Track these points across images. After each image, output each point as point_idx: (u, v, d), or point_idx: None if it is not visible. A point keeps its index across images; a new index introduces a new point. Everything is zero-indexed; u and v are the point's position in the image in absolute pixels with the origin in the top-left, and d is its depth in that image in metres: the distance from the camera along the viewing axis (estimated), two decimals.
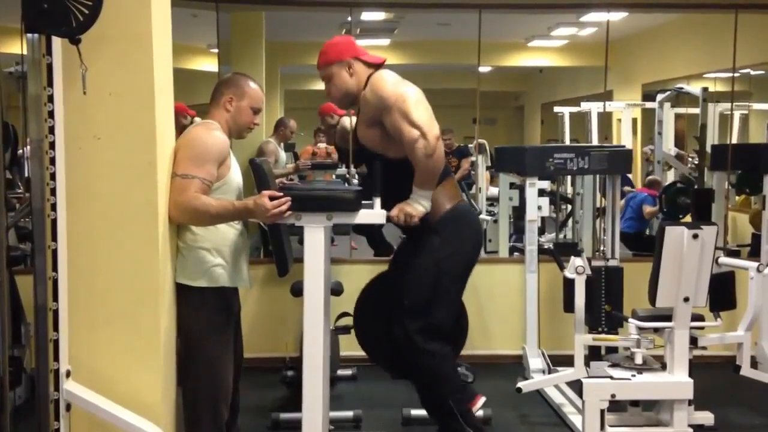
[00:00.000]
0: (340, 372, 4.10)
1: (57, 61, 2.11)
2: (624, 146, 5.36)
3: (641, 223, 6.41)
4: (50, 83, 2.10)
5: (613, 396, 3.03)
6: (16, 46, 3.92)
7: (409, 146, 2.65)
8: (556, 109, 8.25)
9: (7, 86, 4.20)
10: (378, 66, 2.85)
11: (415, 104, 2.69)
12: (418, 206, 2.68)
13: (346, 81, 2.82)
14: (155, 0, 2.29)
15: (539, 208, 4.10)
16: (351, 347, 3.86)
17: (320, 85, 2.98)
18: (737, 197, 6.26)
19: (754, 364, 3.72)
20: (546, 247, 5.15)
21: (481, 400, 3.03)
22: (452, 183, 2.91)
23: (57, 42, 2.10)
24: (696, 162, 6.18)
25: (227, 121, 2.62)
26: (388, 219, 2.66)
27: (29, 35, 2.04)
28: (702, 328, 3.30)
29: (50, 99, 2.10)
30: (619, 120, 7.59)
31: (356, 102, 2.87)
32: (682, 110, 7.05)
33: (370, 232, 5.41)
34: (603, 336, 3.53)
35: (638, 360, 3.15)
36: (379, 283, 3.13)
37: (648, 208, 6.26)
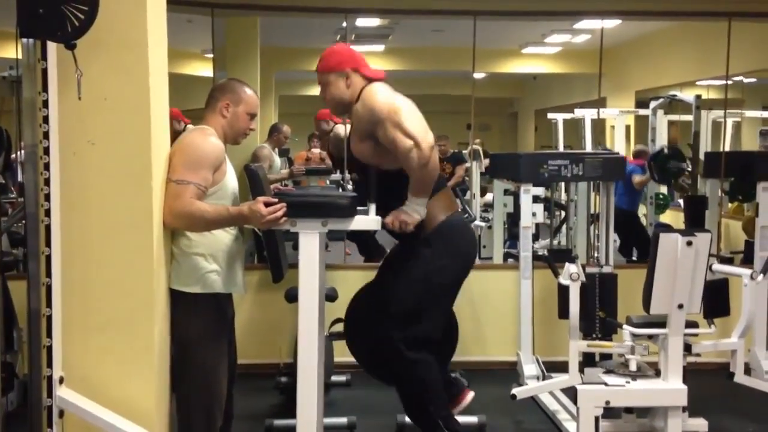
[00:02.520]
0: (334, 378, 4.09)
1: (52, 66, 2.10)
2: (618, 153, 5.38)
3: (633, 197, 6.37)
4: (45, 88, 2.09)
5: (607, 403, 3.02)
6: (11, 51, 3.91)
7: (403, 156, 2.64)
8: (550, 115, 8.27)
9: (1, 91, 4.18)
10: (376, 80, 2.84)
11: (407, 114, 2.69)
12: (413, 213, 2.68)
13: (341, 91, 2.82)
14: (151, 5, 2.29)
15: (533, 214, 4.10)
16: (345, 353, 3.85)
17: (314, 91, 2.98)
18: (730, 204, 6.29)
19: (748, 371, 3.74)
20: (540, 253, 5.16)
21: (470, 395, 3.02)
22: (447, 194, 2.90)
23: (52, 47, 2.09)
24: (689, 169, 6.21)
25: (223, 127, 2.61)
26: (383, 226, 2.66)
27: (24, 40, 2.04)
28: (696, 335, 3.31)
29: (45, 104, 2.10)
30: (613, 127, 7.62)
31: (349, 111, 2.87)
32: (675, 117, 7.08)
33: (363, 239, 5.41)
34: (597, 343, 3.53)
35: (632, 367, 3.15)
36: (370, 291, 3.12)
37: (637, 178, 6.21)
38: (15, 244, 4.54)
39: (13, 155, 4.98)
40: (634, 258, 6.26)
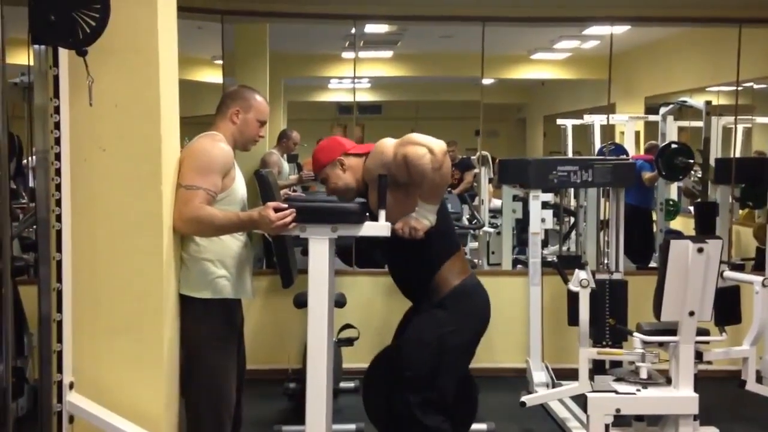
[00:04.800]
0: (342, 384, 4.08)
1: (63, 72, 2.12)
2: (628, 158, 5.36)
3: (643, 192, 6.24)
4: (56, 94, 2.11)
5: (617, 411, 3.01)
6: (23, 57, 3.94)
7: (415, 162, 2.61)
8: (559, 121, 8.26)
9: (12, 97, 4.21)
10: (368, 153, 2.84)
11: (415, 135, 2.70)
12: (423, 220, 2.67)
13: (342, 177, 2.83)
14: (161, 12, 2.30)
15: (543, 220, 4.10)
16: (354, 360, 3.86)
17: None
18: (741, 211, 6.25)
19: (760, 378, 3.70)
20: (549, 259, 5.14)
21: None
22: (461, 257, 2.88)
23: (64, 54, 2.11)
24: (699, 175, 6.17)
25: (233, 134, 2.62)
26: (393, 232, 2.65)
27: (36, 47, 2.06)
28: (707, 342, 3.28)
29: (56, 110, 2.11)
30: (622, 133, 7.59)
31: (360, 193, 2.85)
32: (685, 123, 7.05)
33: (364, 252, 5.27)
34: (607, 350, 3.51)
35: (643, 374, 3.13)
36: (387, 355, 3.10)
37: (647, 174, 6.10)
38: (26, 249, 4.56)
39: (25, 161, 5.02)
40: (652, 265, 6.18)
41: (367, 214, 2.58)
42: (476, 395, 3.09)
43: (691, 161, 5.75)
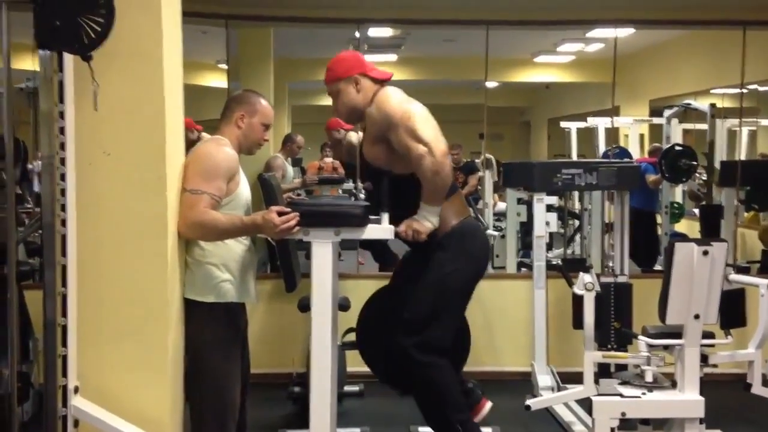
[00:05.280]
0: (347, 388, 4.08)
1: (68, 77, 2.12)
2: (632, 161, 5.36)
3: (648, 195, 6.23)
4: (61, 99, 2.11)
5: (623, 414, 3.00)
6: (28, 63, 3.95)
7: (416, 162, 2.64)
8: (563, 124, 8.25)
9: (18, 102, 4.23)
10: (385, 81, 2.86)
11: (421, 121, 2.69)
12: (426, 222, 2.68)
13: (353, 97, 2.82)
14: (166, 17, 2.31)
15: (547, 223, 4.09)
16: (358, 363, 3.85)
17: (327, 101, 2.99)
18: (746, 213, 6.23)
19: (765, 382, 3.67)
20: (554, 263, 5.13)
21: (488, 405, 3.00)
22: (459, 199, 2.90)
23: (69, 59, 2.11)
24: (704, 178, 6.16)
25: (238, 138, 2.63)
26: (396, 234, 2.65)
27: (41, 52, 2.06)
28: (713, 345, 3.27)
29: (61, 115, 2.12)
30: (627, 135, 7.58)
31: (363, 118, 2.87)
32: (689, 126, 7.04)
33: (378, 248, 5.40)
34: (613, 353, 3.50)
35: (648, 378, 3.12)
36: (381, 298, 3.11)
37: (651, 177, 6.09)
38: (31, 253, 4.57)
39: (30, 166, 5.03)
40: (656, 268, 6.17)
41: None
42: (468, 333, 3.10)
43: (695, 163, 5.74)
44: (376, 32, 6.65)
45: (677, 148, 5.89)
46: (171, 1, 2.39)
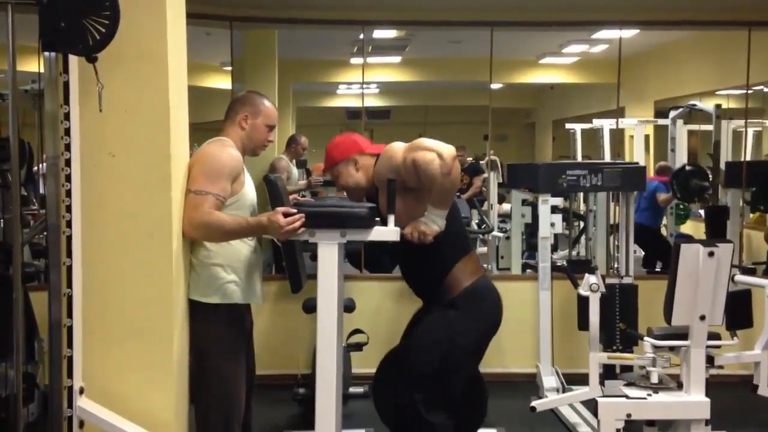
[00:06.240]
0: (352, 389, 4.07)
1: (73, 79, 2.13)
2: (637, 163, 5.35)
3: (655, 212, 6.29)
4: (67, 101, 2.12)
5: (628, 416, 2.99)
6: (33, 65, 3.97)
7: (424, 167, 2.60)
8: (568, 125, 8.24)
9: (23, 104, 4.24)
10: None
11: (424, 139, 2.70)
12: (432, 225, 2.67)
13: (354, 176, 2.84)
14: (171, 19, 2.32)
15: (552, 224, 4.08)
16: (363, 365, 3.85)
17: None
18: (752, 214, 6.21)
19: None
20: (559, 264, 5.13)
21: None
22: (473, 259, 2.88)
23: (74, 60, 2.12)
24: (710, 179, 6.14)
25: (242, 139, 2.63)
26: (402, 236, 2.64)
27: (47, 53, 2.07)
28: (718, 346, 3.26)
29: (66, 116, 2.13)
30: (632, 137, 7.57)
31: (369, 192, 2.86)
32: (695, 127, 7.03)
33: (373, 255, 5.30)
34: (618, 354, 3.49)
35: (654, 379, 3.10)
36: (396, 352, 3.09)
37: (662, 196, 6.14)
38: (37, 255, 4.59)
39: (35, 167, 5.05)
40: (658, 269, 6.20)
41: (377, 218, 2.59)
42: (486, 396, 3.07)
43: (706, 184, 5.77)
44: (380, 34, 6.65)
45: (688, 168, 5.92)
46: (175, 2, 2.40)
